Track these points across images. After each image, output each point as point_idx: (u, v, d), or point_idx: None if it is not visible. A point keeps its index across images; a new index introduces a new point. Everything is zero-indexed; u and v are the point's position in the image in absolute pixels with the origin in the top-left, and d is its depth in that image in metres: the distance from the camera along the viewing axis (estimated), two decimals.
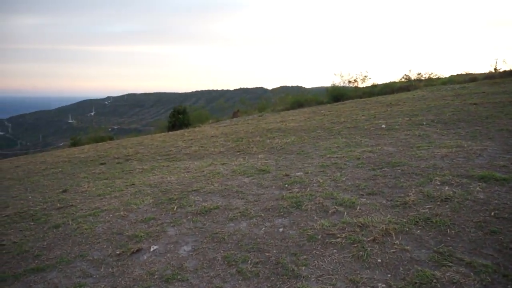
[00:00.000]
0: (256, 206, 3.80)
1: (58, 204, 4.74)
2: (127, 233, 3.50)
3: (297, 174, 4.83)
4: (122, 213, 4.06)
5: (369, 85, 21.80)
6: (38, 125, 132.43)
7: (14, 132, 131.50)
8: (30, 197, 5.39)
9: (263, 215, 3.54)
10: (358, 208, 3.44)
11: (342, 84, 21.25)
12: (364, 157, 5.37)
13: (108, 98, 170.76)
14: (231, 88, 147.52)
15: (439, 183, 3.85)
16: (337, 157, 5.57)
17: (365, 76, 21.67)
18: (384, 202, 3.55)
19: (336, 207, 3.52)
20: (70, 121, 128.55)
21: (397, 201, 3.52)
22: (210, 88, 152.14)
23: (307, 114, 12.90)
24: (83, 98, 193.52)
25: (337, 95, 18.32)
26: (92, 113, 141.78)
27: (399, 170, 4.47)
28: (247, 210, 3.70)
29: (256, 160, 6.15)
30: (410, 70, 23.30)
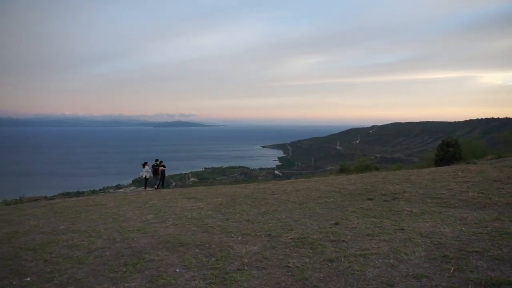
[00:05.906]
0: None
1: (332, 237, 5.16)
2: (397, 287, 3.39)
3: None
4: (391, 261, 3.99)
5: None
6: (311, 150, 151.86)
7: (292, 154, 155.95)
8: (308, 223, 6.13)
9: None
10: None
11: None
12: None
13: (373, 127, 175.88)
14: None
15: None
16: None
17: None
18: None
19: None
20: (337, 147, 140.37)
21: None
22: (489, 116, 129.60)
23: None
24: (349, 126, 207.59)
25: None
26: (357, 141, 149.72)
27: None
28: None
29: None
30: None
